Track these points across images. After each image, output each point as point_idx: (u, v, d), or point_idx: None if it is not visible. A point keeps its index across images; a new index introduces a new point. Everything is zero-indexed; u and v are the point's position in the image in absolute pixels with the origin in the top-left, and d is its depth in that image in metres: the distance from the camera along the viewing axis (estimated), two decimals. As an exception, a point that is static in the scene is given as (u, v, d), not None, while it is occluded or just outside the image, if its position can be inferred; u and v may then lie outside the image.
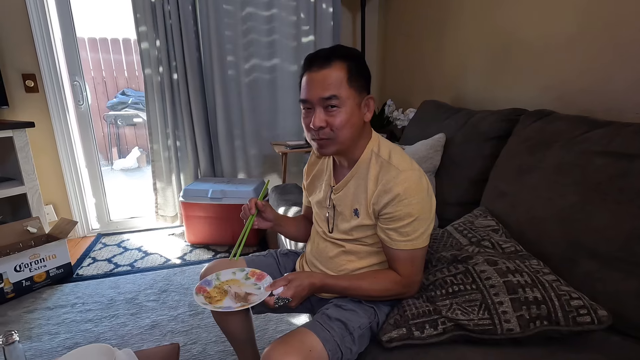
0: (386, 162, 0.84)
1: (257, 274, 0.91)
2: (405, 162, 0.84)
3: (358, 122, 0.84)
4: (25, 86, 2.16)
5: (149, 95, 2.33)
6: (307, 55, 0.84)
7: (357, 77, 0.82)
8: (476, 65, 1.82)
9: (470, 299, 0.82)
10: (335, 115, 0.81)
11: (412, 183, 0.81)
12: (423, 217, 0.82)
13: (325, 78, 0.80)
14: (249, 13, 2.38)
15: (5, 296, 1.71)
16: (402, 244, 0.82)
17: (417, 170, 0.83)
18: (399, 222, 0.81)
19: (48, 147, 2.28)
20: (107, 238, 2.45)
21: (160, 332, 1.50)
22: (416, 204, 0.80)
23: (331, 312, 0.84)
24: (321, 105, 0.81)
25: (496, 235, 1.03)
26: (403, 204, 0.80)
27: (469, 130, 1.49)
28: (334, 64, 0.80)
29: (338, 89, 0.80)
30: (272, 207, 1.03)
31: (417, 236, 0.82)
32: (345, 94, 0.80)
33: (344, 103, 0.80)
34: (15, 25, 2.07)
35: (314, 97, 0.81)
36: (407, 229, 0.81)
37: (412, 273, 0.86)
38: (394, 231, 0.83)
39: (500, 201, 1.18)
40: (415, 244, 0.83)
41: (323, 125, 0.82)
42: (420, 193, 0.81)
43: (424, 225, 0.83)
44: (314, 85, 0.81)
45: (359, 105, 0.83)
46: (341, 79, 0.80)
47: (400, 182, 0.80)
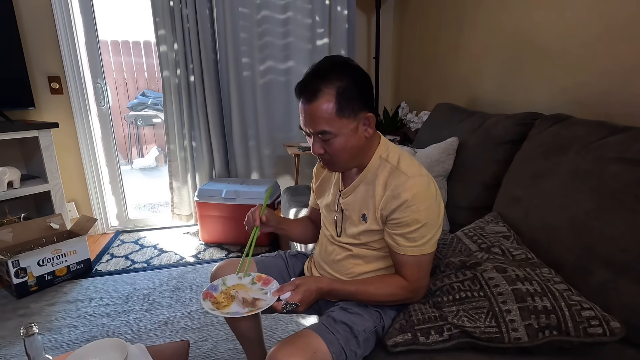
0: (395, 167, 0.84)
1: (263, 279, 0.92)
2: (414, 168, 0.84)
3: (357, 143, 0.83)
4: (50, 88, 2.25)
5: (167, 96, 2.39)
6: (298, 83, 0.82)
7: (350, 103, 0.79)
8: (492, 67, 1.79)
9: (477, 306, 0.81)
10: (331, 144, 0.82)
11: (421, 189, 0.81)
12: (431, 223, 0.82)
13: (314, 112, 0.79)
14: (264, 16, 2.42)
15: (29, 289, 1.79)
16: (409, 250, 0.82)
17: (425, 176, 0.83)
18: (407, 227, 0.81)
19: (71, 146, 2.37)
20: (125, 235, 2.53)
21: (173, 329, 1.54)
22: (424, 210, 0.80)
23: (337, 314, 0.85)
24: (317, 135, 0.82)
25: (507, 242, 1.01)
26: (411, 209, 0.80)
27: (482, 133, 1.47)
28: (321, 96, 0.77)
29: (328, 122, 0.78)
30: (274, 214, 1.04)
31: (424, 242, 0.82)
32: (337, 126, 0.79)
33: (337, 134, 0.80)
34: (42, 30, 2.16)
35: (308, 128, 0.82)
36: (414, 234, 0.81)
37: (419, 278, 0.85)
38: (401, 237, 0.83)
39: (513, 207, 1.16)
40: (422, 250, 0.82)
41: (321, 152, 0.84)
42: (429, 199, 0.81)
43: (432, 231, 0.82)
44: (306, 118, 0.81)
45: (356, 128, 0.81)
46: (330, 112, 0.78)
47: (409, 188, 0.80)
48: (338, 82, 0.78)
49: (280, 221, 1.07)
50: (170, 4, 2.23)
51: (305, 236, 1.15)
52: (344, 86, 0.78)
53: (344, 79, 0.79)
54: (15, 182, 1.98)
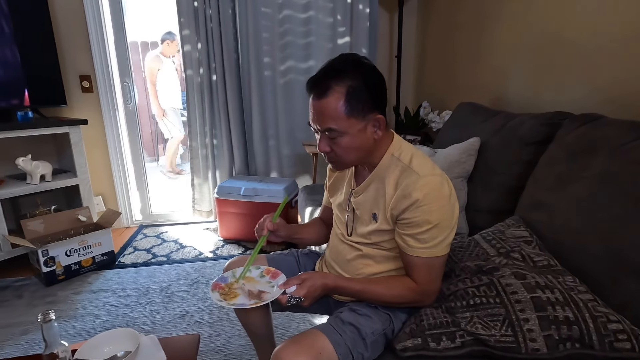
0: (406, 166, 0.82)
1: (272, 272, 0.93)
2: (427, 167, 0.81)
3: (364, 144, 0.81)
4: (81, 87, 2.36)
5: (190, 95, 2.45)
6: (309, 79, 0.81)
7: (360, 102, 0.77)
8: (518, 65, 1.72)
9: (492, 313, 0.77)
10: (337, 143, 0.80)
11: (433, 189, 0.78)
12: (443, 224, 0.79)
13: (322, 109, 0.78)
14: (286, 15, 2.43)
15: (56, 278, 1.88)
16: (419, 251, 0.80)
17: (438, 176, 0.80)
18: (417, 228, 0.79)
19: (99, 143, 2.47)
20: (148, 229, 2.61)
21: (189, 322, 1.57)
22: (436, 211, 0.78)
23: (345, 315, 0.83)
24: (324, 132, 0.80)
25: (528, 247, 0.96)
26: (422, 210, 0.77)
27: (506, 134, 1.41)
28: (330, 94, 0.76)
29: (335, 121, 0.77)
30: (286, 226, 1.02)
31: (436, 244, 0.79)
32: (344, 125, 0.78)
33: (344, 133, 0.79)
34: (75, 31, 2.27)
35: (315, 125, 0.81)
36: (424, 235, 0.79)
37: (429, 281, 0.83)
38: (411, 237, 0.80)
39: (536, 211, 1.10)
40: (433, 252, 0.80)
41: (327, 150, 0.82)
42: (441, 199, 0.78)
43: (444, 233, 0.80)
44: (313, 114, 0.80)
45: (364, 129, 0.80)
46: (338, 110, 0.76)
47: (420, 187, 0.77)
48: (349, 81, 0.77)
49: (293, 232, 1.06)
50: (194, 5, 2.29)
51: (318, 238, 1.14)
52: (355, 85, 0.77)
53: (356, 78, 0.77)
54: (47, 175, 2.08)
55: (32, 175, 2.01)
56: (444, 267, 0.84)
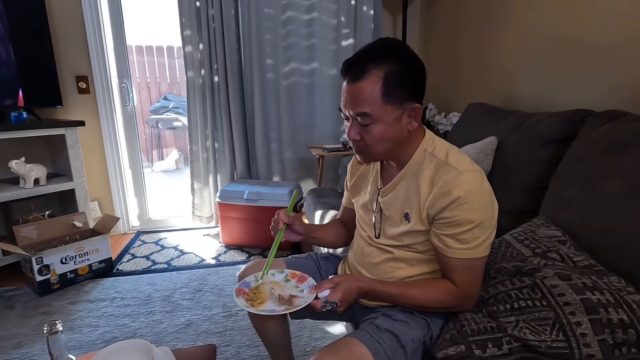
0: (443, 162, 0.77)
1: (298, 276, 0.87)
2: (466, 163, 0.76)
3: (398, 135, 0.77)
4: (78, 87, 2.27)
5: (191, 97, 2.38)
6: (344, 61, 0.77)
7: (398, 88, 0.73)
8: (530, 64, 1.70)
9: (540, 317, 0.72)
10: (369, 131, 0.76)
11: (474, 185, 0.73)
12: (485, 223, 0.74)
13: (357, 93, 0.73)
14: (289, 17, 2.39)
15: (51, 287, 1.78)
16: (460, 252, 0.75)
17: (479, 172, 0.76)
18: (457, 228, 0.74)
19: (96, 146, 2.38)
20: (145, 236, 2.51)
21: (195, 332, 1.49)
22: (478, 209, 0.73)
23: (380, 322, 0.77)
24: (356, 118, 0.76)
25: (564, 247, 0.92)
26: (463, 208, 0.72)
27: (524, 133, 1.37)
28: (367, 77, 0.72)
29: (370, 106, 0.73)
30: (302, 222, 0.97)
31: (477, 244, 0.74)
32: (379, 112, 0.73)
33: (379, 120, 0.74)
34: (72, 31, 2.19)
35: (347, 110, 0.77)
36: (465, 235, 0.74)
37: (470, 285, 0.77)
38: (451, 238, 0.75)
39: (565, 211, 1.06)
40: (474, 253, 0.75)
41: (357, 139, 0.78)
42: (483, 197, 0.74)
43: (486, 232, 0.75)
44: (347, 98, 0.76)
45: (399, 118, 0.75)
46: (375, 95, 0.72)
47: (461, 184, 0.72)
48: (388, 65, 0.72)
49: (310, 230, 1.00)
50: (196, 5, 2.23)
51: (337, 240, 1.08)
52: (394, 70, 0.72)
53: (396, 62, 0.73)
54: (42, 179, 1.98)
55: (25, 178, 1.91)
56: (484, 269, 0.79)
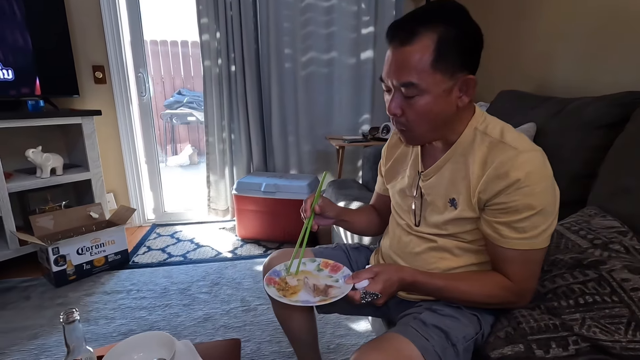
0: (498, 141, 0.68)
1: (331, 265, 0.80)
2: (525, 141, 0.67)
3: (445, 110, 0.68)
4: (94, 77, 2.25)
5: (207, 87, 2.33)
6: (391, 23, 0.68)
7: (450, 55, 0.64)
8: (568, 47, 1.59)
9: (612, 314, 0.63)
10: (413, 104, 0.67)
11: (536, 167, 0.64)
12: (547, 210, 0.65)
13: (404, 59, 0.65)
14: (308, 4, 2.32)
15: (67, 278, 1.75)
16: (516, 242, 0.66)
17: (540, 152, 0.67)
18: (515, 215, 0.65)
19: (112, 136, 2.36)
20: (161, 229, 2.48)
21: (213, 326, 1.43)
22: (540, 194, 0.64)
23: (426, 317, 0.70)
24: (399, 89, 0.67)
25: (626, 238, 0.82)
26: (523, 192, 0.64)
27: (567, 118, 1.27)
28: (417, 40, 0.63)
29: (418, 74, 0.64)
30: (332, 204, 0.91)
31: (537, 234, 0.66)
32: (428, 81, 0.64)
33: (426, 91, 0.65)
34: (89, 20, 2.16)
35: (390, 79, 0.68)
36: (524, 223, 0.65)
37: (526, 279, 0.69)
38: (506, 226, 0.67)
39: (620, 199, 0.96)
40: (533, 243, 0.66)
41: (398, 113, 0.69)
42: (546, 180, 0.65)
43: (547, 221, 0.66)
44: (391, 66, 0.67)
45: (449, 90, 0.66)
46: (424, 61, 0.63)
47: (520, 165, 0.64)
48: (442, 28, 0.63)
49: (341, 212, 0.93)
50: (213, -9, 2.18)
51: (370, 227, 1.00)
52: (448, 34, 0.63)
53: (451, 25, 0.64)
54: (58, 169, 1.96)
55: (42, 168, 1.89)
56: (542, 261, 0.70)
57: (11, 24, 1.80)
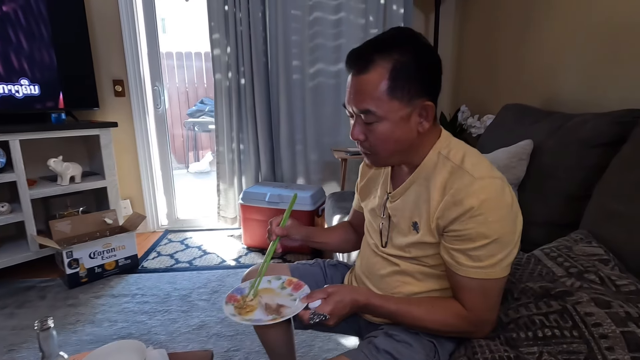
0: (457, 167, 0.68)
1: (294, 283, 0.81)
2: (484, 168, 0.67)
3: (406, 136, 0.68)
4: (114, 90, 2.39)
5: (218, 99, 2.42)
6: (350, 51, 0.69)
7: (406, 82, 0.65)
8: (573, 61, 1.53)
9: (569, 349, 0.61)
10: (373, 130, 0.68)
11: (491, 194, 0.63)
12: (504, 240, 0.64)
13: (361, 87, 0.66)
14: (316, 17, 2.36)
15: (79, 280, 1.86)
16: (472, 271, 0.65)
17: (498, 179, 0.66)
18: (469, 243, 0.64)
19: (129, 147, 2.49)
20: (173, 234, 2.58)
21: (207, 334, 1.47)
22: (494, 223, 0.63)
23: (380, 341, 0.70)
24: (359, 115, 0.69)
25: (605, 267, 0.79)
26: (477, 220, 0.63)
27: (564, 135, 1.23)
28: (373, 68, 0.64)
29: (374, 102, 0.65)
30: (298, 225, 0.92)
31: (493, 263, 0.64)
32: (385, 109, 0.65)
33: (384, 118, 0.66)
34: (109, 36, 2.31)
35: (351, 106, 0.69)
36: (479, 252, 0.64)
37: (483, 310, 0.67)
38: (461, 253, 0.66)
39: (610, 224, 0.92)
40: (489, 273, 0.65)
41: (361, 138, 0.71)
42: (502, 209, 0.64)
43: (504, 250, 0.64)
44: (350, 93, 0.68)
45: (408, 117, 0.67)
46: (380, 89, 0.64)
47: (475, 193, 0.63)
48: (397, 56, 0.64)
49: (309, 234, 0.94)
50: (225, 8, 2.27)
51: (346, 244, 1.01)
52: (403, 61, 0.64)
53: (406, 53, 0.64)
54: (77, 177, 2.10)
55: (62, 176, 2.03)
56: (502, 292, 0.69)
57: (38, 43, 1.96)
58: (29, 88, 1.96)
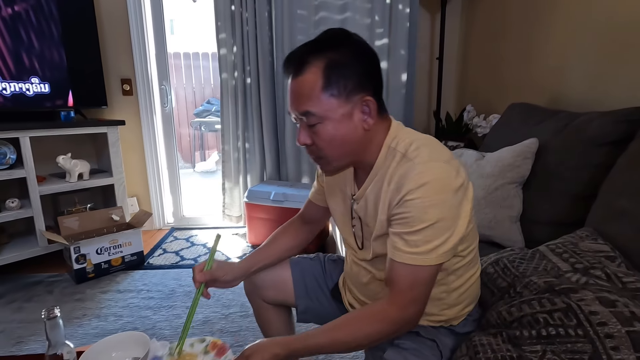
0: (402, 155, 0.66)
1: (219, 347, 0.77)
2: (427, 153, 0.64)
3: (351, 135, 0.66)
4: (122, 89, 2.42)
5: (224, 98, 2.43)
6: (286, 56, 0.68)
7: (341, 79, 0.63)
8: (579, 60, 1.52)
9: (574, 349, 0.60)
10: (317, 133, 0.66)
11: (433, 177, 0.61)
12: (442, 225, 0.61)
13: (298, 89, 0.65)
14: (322, 17, 2.37)
15: (87, 275, 1.89)
16: (406, 257, 0.62)
17: (443, 163, 0.63)
18: (406, 226, 0.62)
19: (136, 145, 2.52)
20: (178, 232, 2.60)
21: (210, 330, 1.48)
22: (433, 207, 0.61)
23: (390, 355, 0.68)
24: (301, 119, 0.67)
25: (612, 264, 0.78)
26: (414, 203, 0.61)
27: (570, 134, 1.22)
28: (307, 69, 0.64)
29: (312, 102, 0.64)
30: (229, 264, 0.88)
31: (428, 250, 0.61)
32: (323, 108, 0.64)
33: (325, 117, 0.65)
34: (118, 36, 2.35)
35: (292, 111, 0.68)
36: (415, 237, 0.62)
37: (409, 301, 0.63)
38: (399, 238, 0.63)
39: (616, 222, 0.91)
40: (420, 259, 0.61)
41: (308, 142, 0.68)
42: (443, 193, 0.61)
43: (442, 236, 0.62)
44: (290, 97, 0.67)
45: (349, 114, 0.65)
46: (315, 88, 0.63)
47: (415, 176, 0.61)
48: (330, 54, 0.63)
49: (247, 268, 0.90)
50: (231, 8, 2.29)
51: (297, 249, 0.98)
52: (336, 58, 0.63)
53: (339, 50, 0.64)
54: (85, 174, 2.12)
55: (70, 173, 2.06)
56: (432, 284, 0.65)
57: (49, 42, 1.99)
58: (39, 86, 1.99)
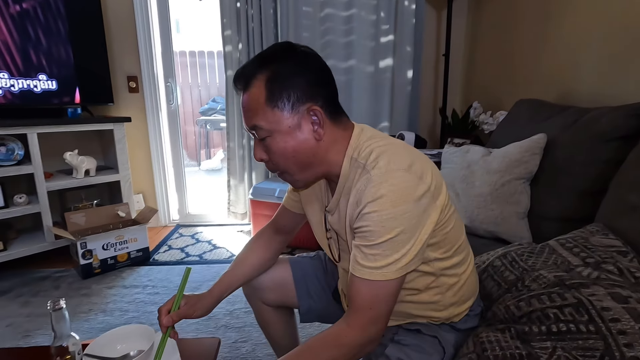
0: (362, 166, 0.63)
1: None
2: (385, 162, 0.60)
3: (303, 146, 0.64)
4: (128, 87, 2.43)
5: (229, 95, 2.44)
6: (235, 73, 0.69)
7: (283, 89, 0.62)
8: (592, 56, 1.49)
9: (585, 346, 0.59)
10: (269, 147, 0.65)
11: (388, 189, 0.58)
12: (402, 237, 0.58)
13: (246, 104, 0.65)
14: (327, 14, 2.36)
15: (93, 271, 1.90)
16: (366, 272, 0.59)
17: (403, 172, 0.59)
18: (365, 240, 0.60)
19: (142, 142, 2.53)
20: (183, 229, 2.61)
21: (215, 325, 1.49)
22: (391, 220, 0.57)
23: (391, 351, 0.68)
24: (253, 134, 0.67)
25: (624, 259, 0.76)
26: (371, 217, 0.58)
27: (580, 129, 1.20)
28: (253, 84, 0.63)
29: (258, 115, 0.63)
30: (198, 298, 0.85)
31: (387, 264, 0.58)
32: (269, 120, 0.63)
33: (273, 130, 0.63)
34: (124, 33, 2.36)
35: (245, 126, 0.67)
36: (374, 250, 0.59)
37: (367, 321, 0.60)
38: (358, 250, 0.61)
39: (627, 218, 0.89)
40: (378, 274, 0.59)
41: (264, 158, 0.68)
42: (403, 204, 0.58)
43: (403, 248, 0.59)
44: (242, 112, 0.67)
45: (297, 125, 0.63)
46: (260, 101, 0.62)
47: (372, 189, 0.59)
48: (274, 67, 0.63)
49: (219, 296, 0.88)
50: (237, 5, 2.29)
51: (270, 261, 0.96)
52: (279, 70, 0.62)
53: (283, 64, 0.63)
54: (92, 170, 2.14)
55: (77, 169, 2.07)
56: (394, 300, 0.61)
57: (56, 40, 2.00)
58: (47, 83, 2.01)
